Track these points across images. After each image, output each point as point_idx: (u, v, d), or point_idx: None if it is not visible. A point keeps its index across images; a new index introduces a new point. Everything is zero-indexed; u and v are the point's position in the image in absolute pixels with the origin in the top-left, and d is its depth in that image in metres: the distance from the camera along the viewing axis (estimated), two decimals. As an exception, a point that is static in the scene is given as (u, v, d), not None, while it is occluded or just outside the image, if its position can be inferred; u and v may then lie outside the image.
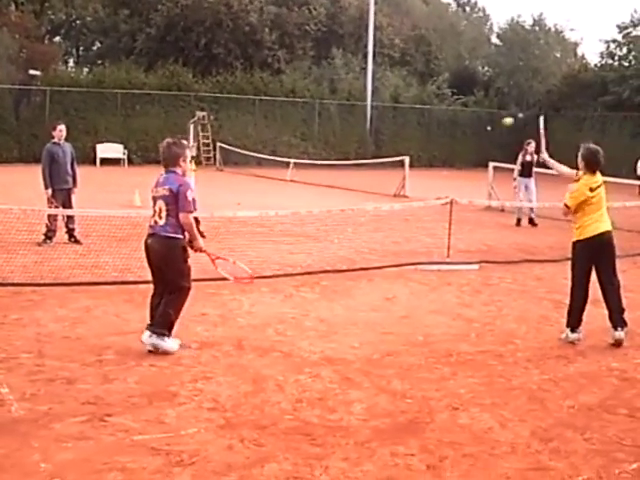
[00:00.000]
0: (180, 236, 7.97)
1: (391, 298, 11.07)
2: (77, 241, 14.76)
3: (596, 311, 9.34)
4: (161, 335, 7.97)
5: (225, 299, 10.62)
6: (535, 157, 19.17)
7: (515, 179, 20.09)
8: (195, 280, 11.46)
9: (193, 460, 5.57)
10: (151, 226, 8.06)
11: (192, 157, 44.25)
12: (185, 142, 8.39)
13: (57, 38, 62.63)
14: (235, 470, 5.44)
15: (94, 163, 38.73)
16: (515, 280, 12.75)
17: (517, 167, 20.13)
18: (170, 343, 8.03)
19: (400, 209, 17.56)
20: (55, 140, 15.17)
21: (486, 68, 60.73)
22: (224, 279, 11.19)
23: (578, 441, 6.16)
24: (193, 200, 8.14)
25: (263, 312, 10.00)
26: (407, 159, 28.54)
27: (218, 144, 41.57)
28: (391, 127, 49.61)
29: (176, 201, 7.87)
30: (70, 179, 15.07)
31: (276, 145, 43.86)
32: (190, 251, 8.21)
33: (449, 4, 74.86)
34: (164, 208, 7.88)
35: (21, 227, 13.82)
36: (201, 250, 8.26)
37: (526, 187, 19.86)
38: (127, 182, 27.10)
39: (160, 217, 7.90)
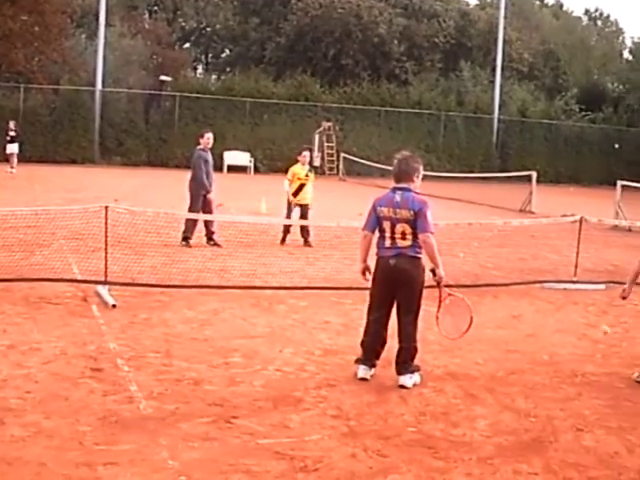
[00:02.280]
0: (422, 257, 7.63)
1: (517, 316, 10.93)
2: (216, 244, 15.08)
3: None
4: (416, 371, 7.69)
5: (348, 308, 10.65)
6: None
7: None
8: (319, 288, 11.69)
9: (317, 466, 5.60)
10: (389, 247, 7.58)
11: (315, 167, 44.95)
12: (419, 158, 7.98)
13: (187, 45, 64.06)
14: (358, 479, 5.45)
15: (221, 170, 39.39)
16: (643, 302, 12.41)
17: None
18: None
19: (528, 225, 17.31)
20: (202, 147, 15.61)
21: (616, 84, 59.35)
22: (347, 288, 11.34)
23: None
24: None
25: (386, 323, 9.99)
26: (534, 174, 28.14)
27: (342, 154, 41.78)
28: (517, 141, 49.07)
29: (416, 221, 7.45)
30: (212, 185, 15.50)
31: (400, 157, 43.83)
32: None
33: (580, 18, 73.57)
34: (409, 231, 7.48)
35: (149, 229, 14.18)
36: (440, 281, 7.64)
37: None
38: (253, 190, 27.50)
39: (404, 239, 7.50)
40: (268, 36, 54.18)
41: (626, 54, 64.96)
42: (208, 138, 15.76)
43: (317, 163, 43.44)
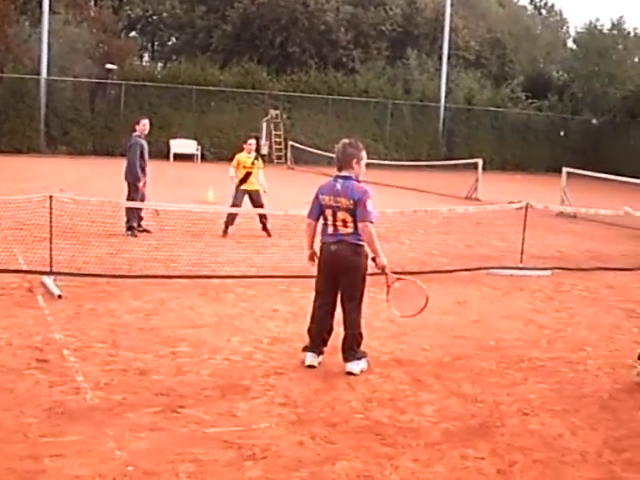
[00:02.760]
0: (364, 244, 7.62)
1: (463, 302, 11.04)
2: (145, 230, 15.09)
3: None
4: (363, 357, 7.74)
5: (296, 296, 10.68)
6: None
7: None
8: (267, 277, 11.70)
9: (265, 454, 5.62)
10: (331, 234, 7.65)
11: (262, 155, 44.70)
12: (360, 144, 7.85)
13: (133, 33, 63.48)
14: (306, 466, 5.48)
15: (167, 158, 39.17)
16: (587, 287, 12.61)
17: None
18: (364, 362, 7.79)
19: (473, 212, 17.46)
20: (138, 133, 15.48)
21: (561, 72, 59.89)
22: (295, 276, 11.36)
23: (652, 453, 6.08)
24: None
25: (333, 311, 10.03)
26: (480, 162, 28.36)
27: (290, 143, 41.73)
28: (464, 129, 49.35)
29: (356, 210, 7.50)
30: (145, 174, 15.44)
31: (348, 145, 43.82)
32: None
33: (525, 7, 74.15)
34: (350, 219, 7.52)
35: (95, 218, 14.09)
36: (383, 269, 7.65)
37: None
38: (200, 178, 27.42)
39: (346, 226, 7.54)
40: (214, 24, 53.83)
41: (570, 43, 65.53)
42: (144, 124, 15.61)
43: (265, 151, 43.34)
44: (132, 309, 9.58)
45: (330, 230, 7.66)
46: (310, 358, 7.66)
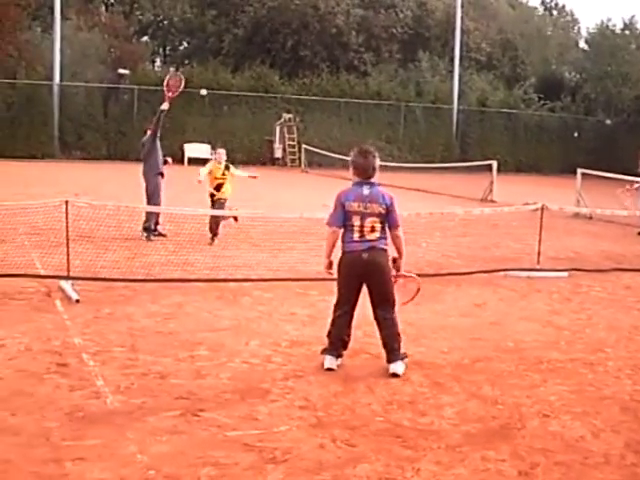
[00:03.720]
0: (388, 248, 7.76)
1: (480, 304, 11.00)
2: (160, 234, 15.16)
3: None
4: (405, 358, 7.82)
5: (313, 299, 10.67)
6: None
7: None
8: (283, 280, 11.70)
9: (286, 457, 5.61)
10: (358, 241, 7.60)
11: (277, 158, 44.68)
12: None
13: (145, 38, 63.62)
14: (327, 469, 5.46)
15: (182, 162, 39.21)
16: (604, 289, 12.56)
17: None
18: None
19: (489, 214, 17.42)
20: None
21: (573, 73, 59.80)
22: (312, 279, 11.36)
23: (675, 455, 6.03)
24: None
25: (352, 313, 10.01)
26: (495, 163, 28.29)
27: (303, 146, 41.75)
28: (477, 131, 49.32)
29: (388, 216, 7.61)
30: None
31: (361, 147, 43.75)
32: None
33: (536, 8, 73.97)
34: (379, 225, 7.56)
35: (111, 223, 14.12)
36: (399, 269, 7.82)
37: None
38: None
39: (373, 232, 7.56)
40: (226, 28, 53.88)
41: (582, 44, 65.37)
42: None
43: (279, 155, 43.41)
44: (150, 313, 9.58)
45: (356, 236, 7.60)
46: (329, 361, 7.65)
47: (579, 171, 23.48)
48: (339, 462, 5.59)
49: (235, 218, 15.38)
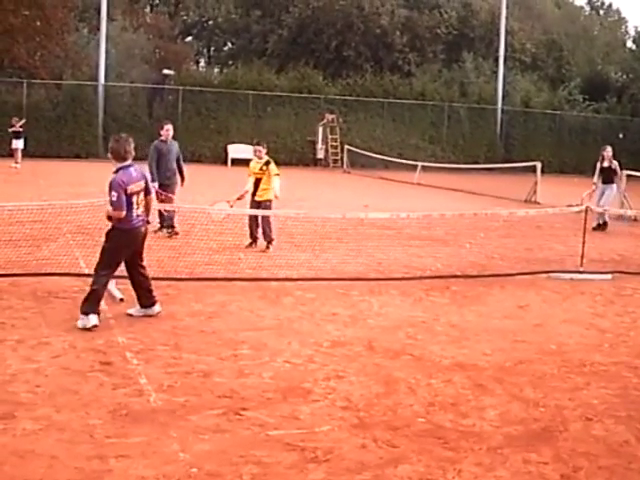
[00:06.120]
0: None
1: (524, 306, 10.93)
2: (175, 232, 15.38)
3: None
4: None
5: (355, 300, 10.68)
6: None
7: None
8: (325, 279, 11.71)
9: (327, 457, 5.61)
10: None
11: (319, 159, 44.52)
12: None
13: (189, 38, 64.06)
14: (369, 469, 5.46)
15: (225, 163, 39.41)
16: (649, 292, 12.43)
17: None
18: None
19: (533, 215, 17.30)
20: (162, 138, 15.70)
21: (620, 74, 59.16)
22: (354, 279, 11.37)
23: None
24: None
25: (393, 314, 10.01)
26: (539, 164, 28.09)
27: (346, 146, 41.75)
28: (521, 132, 49.02)
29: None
30: (172, 176, 15.74)
31: (403, 148, 43.76)
32: None
33: (582, 8, 73.40)
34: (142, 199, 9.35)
35: (155, 222, 14.21)
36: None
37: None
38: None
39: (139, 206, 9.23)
40: (270, 28, 54.14)
41: (629, 43, 64.75)
42: (167, 130, 15.89)
43: (321, 155, 43.43)
44: (193, 312, 9.64)
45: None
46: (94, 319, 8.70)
47: (624, 173, 23.22)
48: (380, 462, 5.59)
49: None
